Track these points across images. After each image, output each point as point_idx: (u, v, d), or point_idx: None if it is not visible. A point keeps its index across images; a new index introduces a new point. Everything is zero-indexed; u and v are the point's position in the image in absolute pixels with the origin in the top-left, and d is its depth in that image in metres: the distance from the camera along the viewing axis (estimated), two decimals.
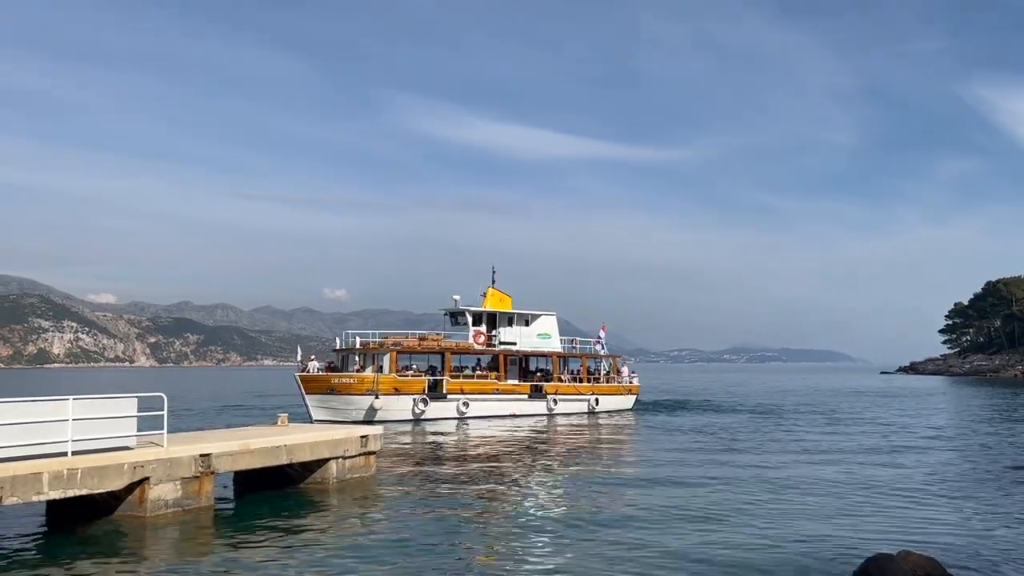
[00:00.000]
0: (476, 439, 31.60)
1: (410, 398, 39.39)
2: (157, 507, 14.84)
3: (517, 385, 43.51)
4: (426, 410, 39.44)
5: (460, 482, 20.39)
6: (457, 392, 40.88)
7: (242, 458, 16.79)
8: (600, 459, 25.55)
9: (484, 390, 42.04)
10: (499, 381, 42.81)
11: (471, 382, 42.27)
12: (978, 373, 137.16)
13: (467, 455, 26.32)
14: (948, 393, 75.08)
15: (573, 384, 46.16)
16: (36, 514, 14.96)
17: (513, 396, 42.93)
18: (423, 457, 25.66)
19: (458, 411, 40.45)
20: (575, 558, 12.51)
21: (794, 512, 16.20)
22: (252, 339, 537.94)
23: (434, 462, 24.39)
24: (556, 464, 24.12)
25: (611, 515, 15.94)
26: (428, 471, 22.35)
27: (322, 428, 21.53)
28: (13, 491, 12.66)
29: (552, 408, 43.67)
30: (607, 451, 28.04)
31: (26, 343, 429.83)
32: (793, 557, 12.55)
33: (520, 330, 44.66)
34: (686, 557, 12.57)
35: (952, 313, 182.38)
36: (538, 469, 22.94)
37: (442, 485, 19.84)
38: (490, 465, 23.71)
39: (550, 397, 43.92)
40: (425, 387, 40.03)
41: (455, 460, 24.92)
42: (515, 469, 22.85)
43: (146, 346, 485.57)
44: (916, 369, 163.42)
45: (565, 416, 43.01)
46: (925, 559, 11.20)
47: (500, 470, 22.63)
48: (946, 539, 13.84)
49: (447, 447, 28.79)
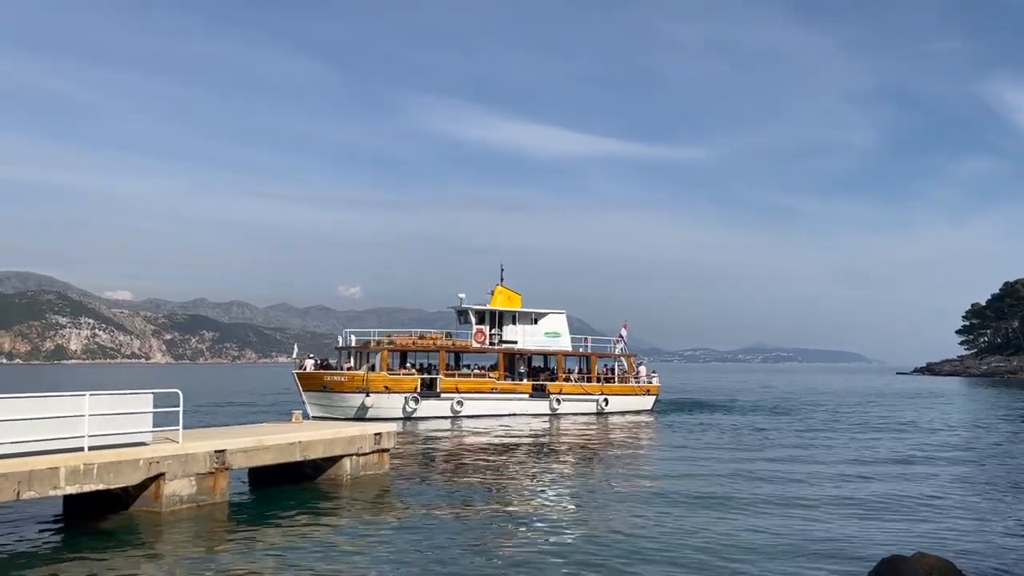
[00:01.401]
0: (483, 437, 31.62)
1: (401, 396, 39.67)
2: (172, 502, 14.93)
3: (517, 384, 43.01)
4: (417, 408, 39.63)
5: (473, 480, 20.41)
6: (452, 391, 40.82)
7: (257, 454, 16.87)
8: (604, 460, 25.52)
9: (480, 389, 41.75)
10: (497, 380, 42.38)
11: (467, 381, 42.05)
12: (995, 374, 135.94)
13: (479, 454, 26.33)
14: (965, 395, 74.48)
15: (580, 384, 45.20)
16: (53, 508, 15.10)
17: (513, 395, 42.41)
18: (434, 454, 25.71)
19: (452, 410, 40.37)
20: (589, 554, 12.49)
21: (808, 513, 16.12)
22: (267, 336, 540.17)
23: (445, 460, 24.43)
24: (563, 463, 24.12)
25: (619, 514, 15.93)
26: (440, 468, 22.40)
27: (336, 425, 21.60)
28: (31, 485, 12.78)
29: (555, 408, 42.76)
30: (605, 451, 27.99)
31: (44, 339, 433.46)
32: (807, 557, 12.49)
33: (524, 328, 44.10)
34: (700, 553, 12.53)
35: (969, 314, 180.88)
36: (549, 469, 22.96)
37: (454, 482, 19.87)
38: (500, 463, 23.73)
39: (553, 397, 43.04)
40: (417, 385, 40.29)
41: (467, 458, 24.94)
42: (524, 468, 22.87)
43: (162, 343, 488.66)
44: (932, 370, 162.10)
45: (569, 417, 41.78)
46: (940, 561, 11.12)
47: (510, 469, 22.67)
48: (962, 541, 13.73)
49: (459, 445, 28.81)
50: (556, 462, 24.32)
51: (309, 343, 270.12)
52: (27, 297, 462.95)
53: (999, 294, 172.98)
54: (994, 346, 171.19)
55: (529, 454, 26.24)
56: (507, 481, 20.36)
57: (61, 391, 14.90)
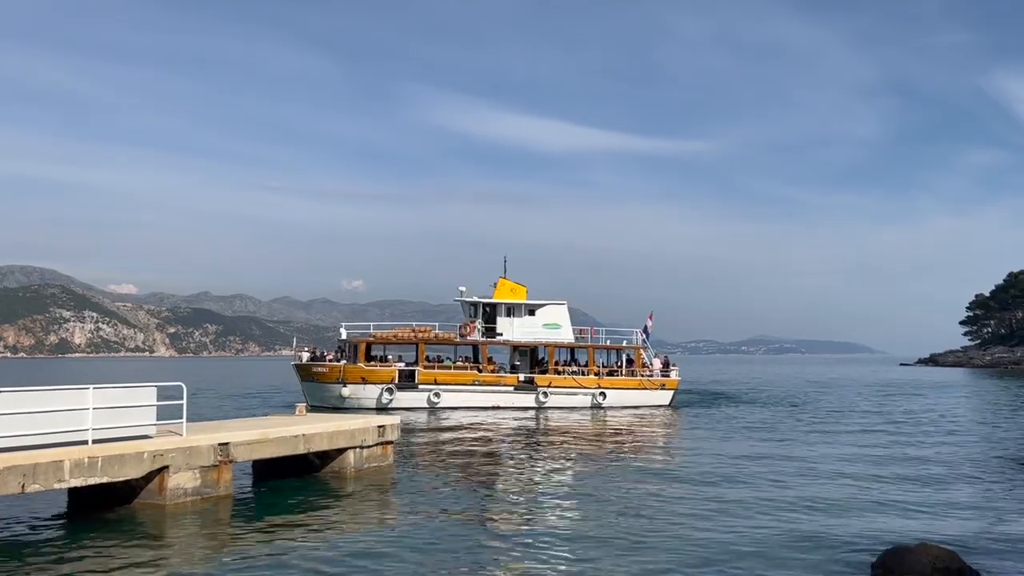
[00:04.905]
0: (487, 430, 31.68)
1: (378, 387, 40.10)
2: (176, 495, 14.98)
3: (501, 376, 42.42)
4: (393, 399, 39.98)
5: (475, 472, 20.47)
6: (430, 382, 40.87)
7: (260, 447, 16.91)
8: (595, 450, 25.54)
9: (460, 381, 41.52)
10: (479, 372, 42.05)
11: (446, 372, 41.89)
12: (999, 365, 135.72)
13: (480, 446, 26.39)
14: (969, 386, 74.41)
15: (572, 377, 43.23)
16: (58, 501, 15.15)
17: (495, 388, 41.77)
18: (437, 447, 25.75)
19: (428, 402, 40.36)
20: (591, 547, 12.52)
21: (813, 503, 16.13)
22: (270, 329, 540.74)
23: (450, 453, 24.46)
24: (563, 455, 24.18)
25: (619, 500, 15.95)
26: (443, 460, 22.44)
27: (340, 418, 21.65)
28: (35, 478, 12.83)
29: (542, 402, 41.50)
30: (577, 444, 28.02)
31: (48, 333, 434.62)
32: (812, 547, 12.51)
33: (515, 321, 43.09)
34: (704, 545, 12.55)
35: (973, 305, 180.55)
36: (553, 460, 23.02)
37: (457, 474, 19.90)
38: (500, 455, 23.80)
39: (540, 390, 41.71)
40: (395, 376, 40.60)
41: (469, 450, 24.99)
42: (533, 461, 22.92)
43: (166, 336, 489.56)
44: (936, 361, 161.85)
45: (558, 411, 40.34)
46: (944, 551, 11.13)
47: (513, 461, 22.74)
48: (966, 532, 13.74)
49: (461, 437, 28.85)
50: (548, 456, 24.36)
51: (312, 336, 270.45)
52: (31, 291, 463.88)
53: (1003, 285, 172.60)
54: (998, 337, 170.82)
55: (534, 445, 26.28)
56: (511, 473, 20.41)
57: (65, 384, 14.93)
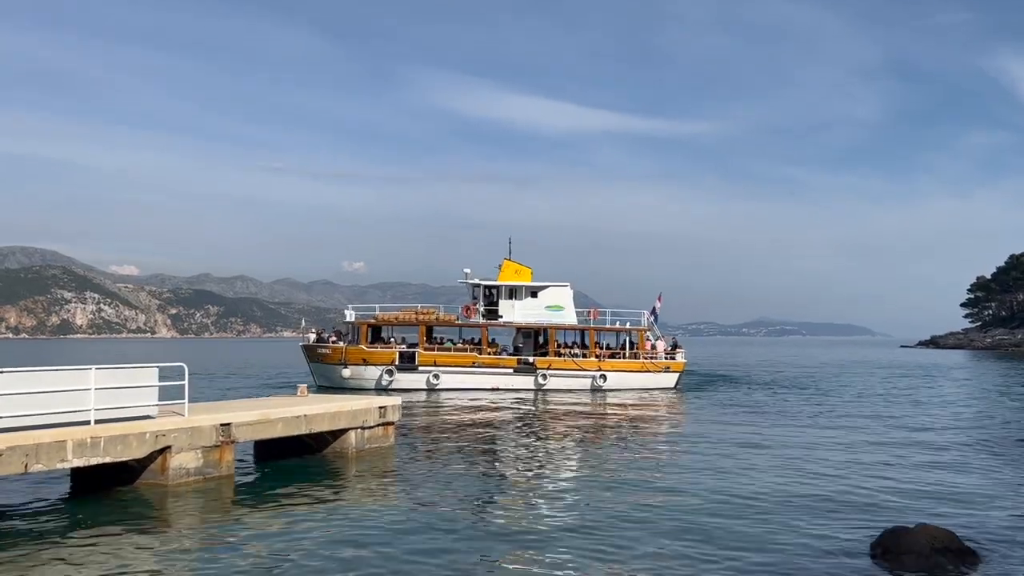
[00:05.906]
0: (462, 414, 31.78)
1: (378, 368, 40.65)
2: (179, 475, 15.04)
3: (500, 359, 42.59)
4: (392, 380, 40.39)
5: (473, 451, 20.54)
6: (430, 364, 41.26)
7: (262, 427, 16.97)
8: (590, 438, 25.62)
9: (460, 363, 41.84)
10: (479, 354, 42.16)
11: (446, 354, 42.25)
12: (1000, 347, 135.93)
13: (479, 427, 26.46)
14: (969, 368, 74.53)
15: (572, 359, 43.35)
16: (61, 481, 15.23)
17: (495, 370, 41.99)
18: (437, 428, 25.83)
19: (428, 383, 40.70)
20: (595, 527, 12.58)
21: (814, 484, 16.19)
22: (272, 311, 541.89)
23: (448, 432, 24.53)
24: (557, 438, 24.27)
25: (623, 481, 16.02)
26: (444, 441, 22.50)
27: (341, 398, 21.69)
28: (38, 459, 12.88)
29: (541, 384, 41.56)
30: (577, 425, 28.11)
31: (49, 314, 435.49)
32: (810, 529, 12.56)
33: (516, 303, 43.14)
34: (703, 526, 12.60)
35: (974, 287, 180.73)
36: (549, 440, 23.11)
37: (457, 455, 19.97)
38: (498, 436, 23.88)
39: (539, 372, 41.89)
40: (395, 358, 41.01)
41: (468, 431, 25.06)
42: (534, 442, 23.00)
43: (167, 317, 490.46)
44: (937, 343, 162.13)
45: (557, 393, 40.19)
46: (943, 532, 11.18)
47: (510, 441, 22.82)
48: (965, 513, 13.78)
49: (463, 417, 28.94)
50: (550, 437, 24.45)
51: (314, 318, 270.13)
52: (32, 272, 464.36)
53: (1004, 267, 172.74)
54: (999, 319, 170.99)
55: (511, 428, 26.36)
56: (511, 453, 20.49)
57: (67, 365, 14.96)
